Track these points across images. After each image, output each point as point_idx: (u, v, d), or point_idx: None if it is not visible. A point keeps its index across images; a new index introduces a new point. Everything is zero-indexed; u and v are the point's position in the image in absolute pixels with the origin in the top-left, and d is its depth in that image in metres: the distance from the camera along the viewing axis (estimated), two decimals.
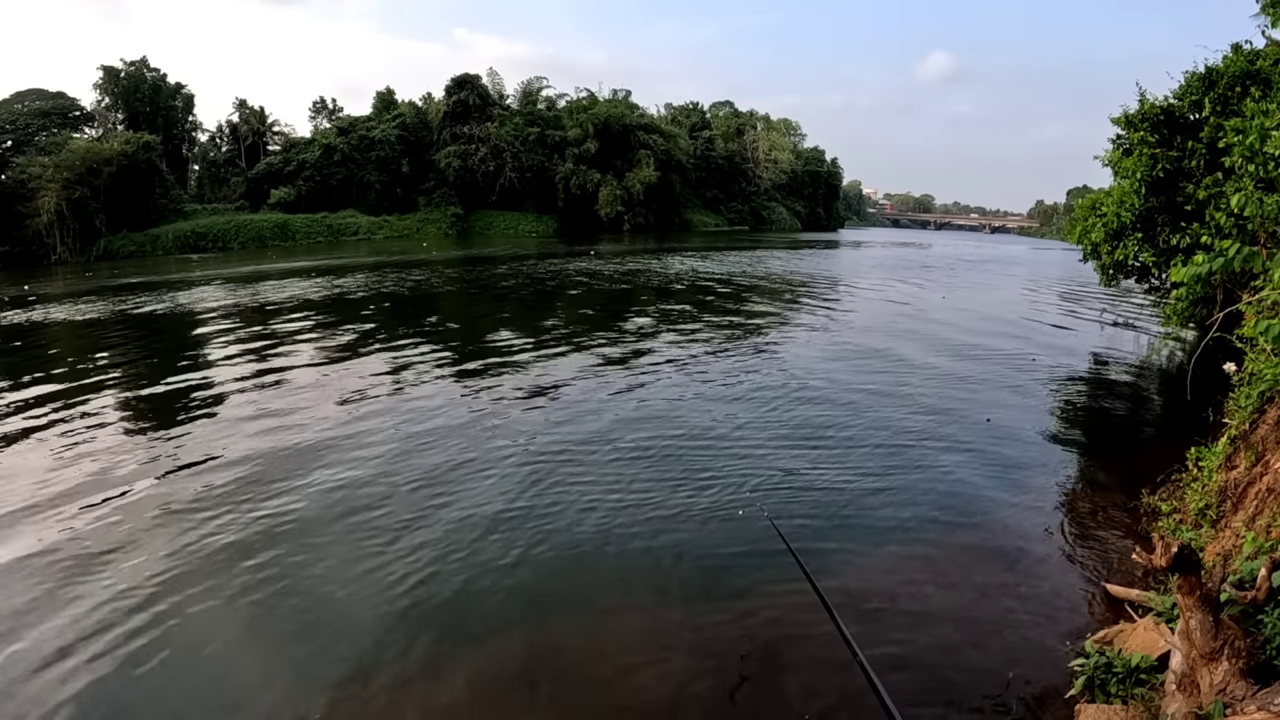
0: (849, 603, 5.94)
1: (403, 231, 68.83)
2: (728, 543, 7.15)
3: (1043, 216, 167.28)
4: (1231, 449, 7.12)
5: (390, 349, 16.66)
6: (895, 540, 7.29)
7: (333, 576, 6.54)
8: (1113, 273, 14.91)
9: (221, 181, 71.89)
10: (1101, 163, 14.36)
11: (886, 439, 10.30)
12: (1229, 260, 3.75)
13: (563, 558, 6.87)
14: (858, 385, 13.27)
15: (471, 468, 9.05)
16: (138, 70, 68.11)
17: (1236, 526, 5.74)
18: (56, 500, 8.26)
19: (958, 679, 5.17)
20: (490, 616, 5.93)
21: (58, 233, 53.15)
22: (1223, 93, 11.69)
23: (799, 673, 5.22)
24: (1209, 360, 9.28)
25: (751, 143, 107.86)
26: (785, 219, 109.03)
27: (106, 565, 6.77)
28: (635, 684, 5.17)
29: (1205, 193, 10.92)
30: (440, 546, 7.02)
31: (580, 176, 77.77)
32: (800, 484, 8.62)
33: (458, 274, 35.34)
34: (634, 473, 8.93)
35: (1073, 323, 22.91)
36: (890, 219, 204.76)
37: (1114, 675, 4.71)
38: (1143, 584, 6.22)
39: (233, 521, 7.62)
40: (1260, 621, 3.99)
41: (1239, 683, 3.63)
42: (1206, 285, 11.00)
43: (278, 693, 5.06)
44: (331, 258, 45.47)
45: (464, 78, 76.99)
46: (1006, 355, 16.57)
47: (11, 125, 58.99)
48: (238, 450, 9.76)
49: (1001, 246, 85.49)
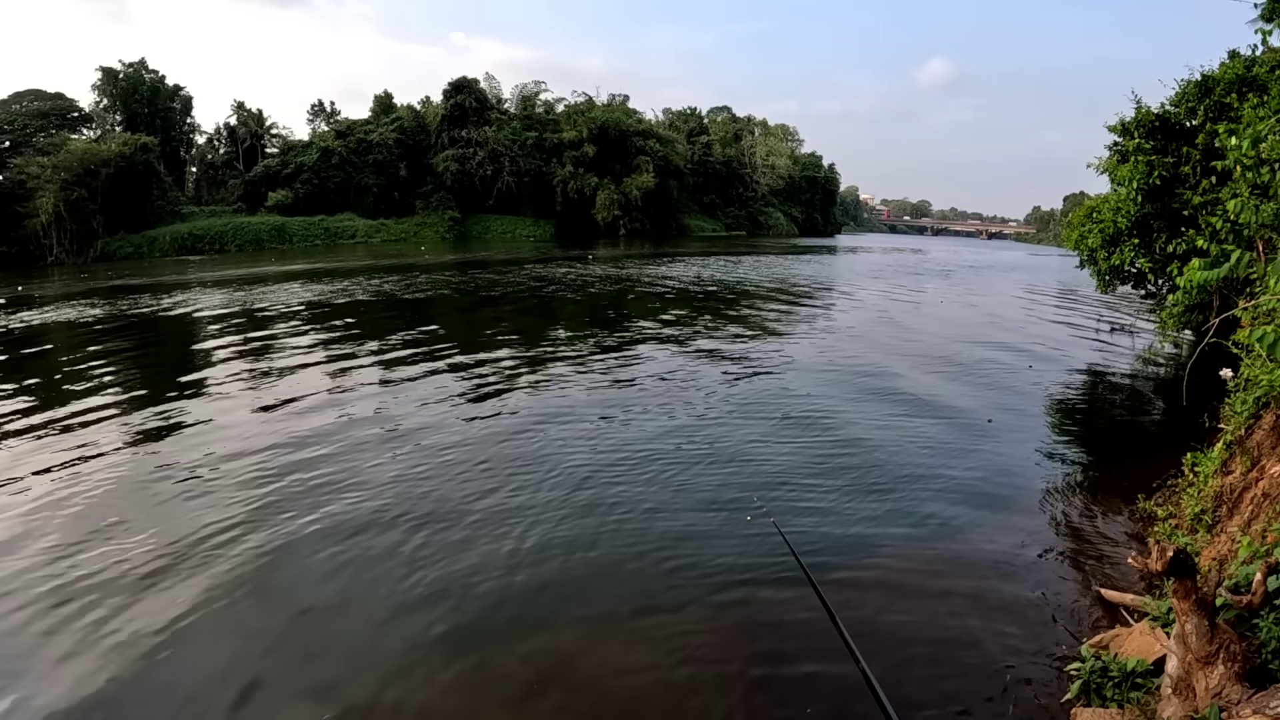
0: (846, 607, 5.93)
1: (400, 235, 68.75)
2: (731, 547, 7.14)
3: (1039, 223, 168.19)
4: (1227, 454, 7.14)
5: (386, 352, 16.62)
6: (892, 545, 7.30)
7: (331, 583, 6.51)
8: (1109, 279, 14.97)
9: (219, 184, 71.85)
10: (1097, 170, 14.43)
11: (885, 444, 10.30)
12: (1233, 266, 3.76)
13: (565, 563, 6.84)
14: (857, 390, 13.29)
15: (468, 474, 9.02)
16: (136, 72, 68.13)
17: (1232, 531, 5.75)
18: (50, 505, 8.23)
19: (954, 683, 5.17)
20: (490, 622, 5.89)
21: (55, 234, 53.00)
22: (1219, 99, 11.76)
23: (800, 676, 5.20)
24: (1205, 366, 9.31)
25: (749, 148, 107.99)
26: (782, 224, 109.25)
27: (89, 568, 6.74)
28: (638, 688, 5.15)
29: (1201, 199, 10.97)
30: (438, 553, 6.99)
31: (578, 181, 77.68)
32: (801, 488, 8.63)
33: (454, 278, 35.31)
34: (636, 474, 8.93)
35: (1069, 328, 22.97)
36: (887, 225, 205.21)
37: (1110, 679, 4.72)
38: (1139, 589, 6.23)
39: (227, 527, 7.59)
40: (1255, 626, 4.00)
41: (1234, 686, 3.63)
42: (1203, 291, 11.09)
43: (280, 698, 5.04)
44: (328, 261, 45.40)
45: (462, 81, 76.94)
46: (1003, 361, 16.61)
47: (9, 126, 58.89)
48: (235, 451, 9.74)
49: (998, 253, 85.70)
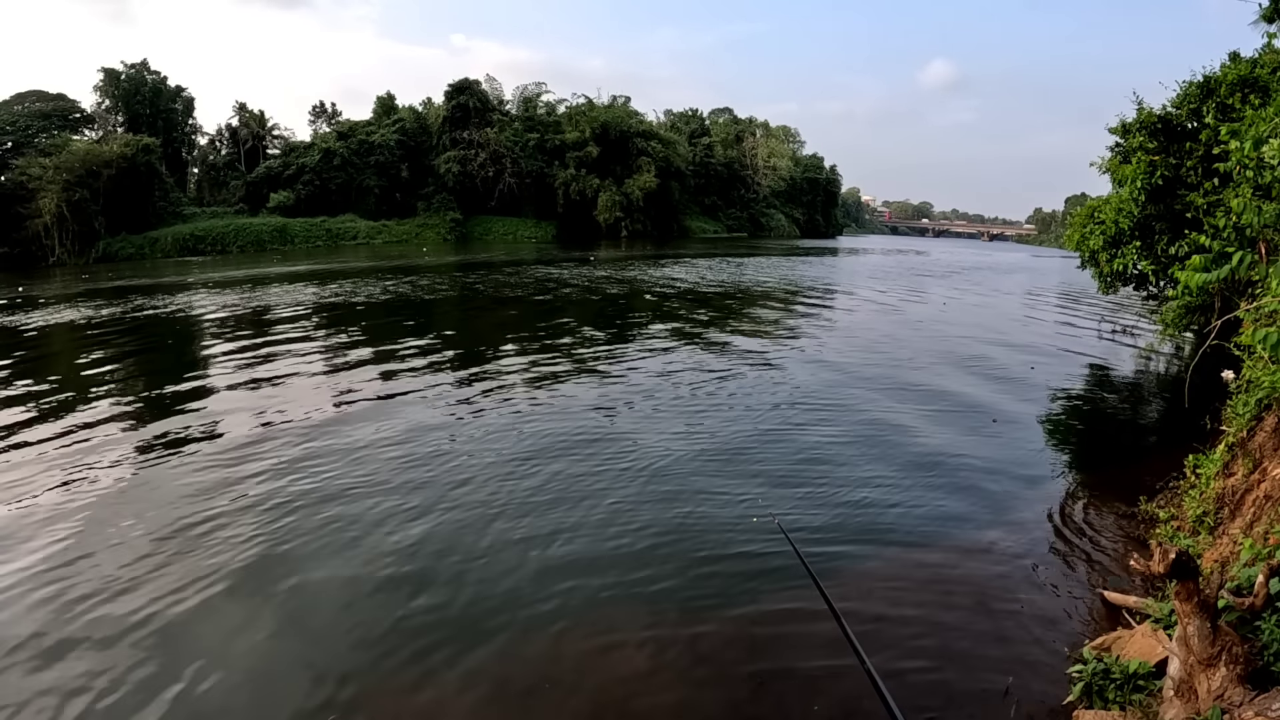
0: (848, 609, 5.90)
1: (401, 236, 68.83)
2: (735, 546, 7.14)
3: (1041, 224, 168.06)
4: (1229, 456, 7.12)
5: (384, 353, 16.64)
6: (895, 547, 7.28)
7: (333, 583, 6.50)
8: (1111, 280, 14.93)
9: (221, 185, 72.04)
10: (1100, 169, 14.40)
11: (887, 447, 10.29)
12: (1235, 267, 3.75)
13: (568, 563, 6.83)
14: (859, 394, 13.25)
15: (470, 475, 9.01)
16: (138, 73, 68.33)
17: (1234, 533, 5.73)
18: (51, 505, 8.23)
19: (956, 685, 5.15)
20: (493, 624, 5.87)
21: (57, 234, 53.18)
22: (1222, 100, 11.75)
23: (804, 676, 5.20)
24: (1207, 368, 9.30)
25: (750, 149, 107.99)
26: (784, 226, 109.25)
27: (96, 569, 6.74)
28: (639, 688, 5.13)
29: (1204, 200, 10.95)
30: (441, 553, 6.97)
31: (579, 182, 77.71)
32: (803, 491, 8.61)
33: (456, 280, 35.34)
34: (638, 474, 8.93)
35: (1071, 330, 22.94)
36: (889, 226, 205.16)
37: (1112, 681, 4.71)
38: (1141, 591, 6.21)
39: (226, 527, 7.59)
40: (1258, 628, 3.98)
41: (1237, 689, 3.61)
42: (1204, 293, 11.07)
43: (281, 697, 5.04)
44: (330, 262, 45.46)
45: (463, 83, 77.03)
46: (1005, 363, 16.59)
47: (12, 127, 59.12)
48: (232, 452, 9.74)
49: (1000, 254, 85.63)
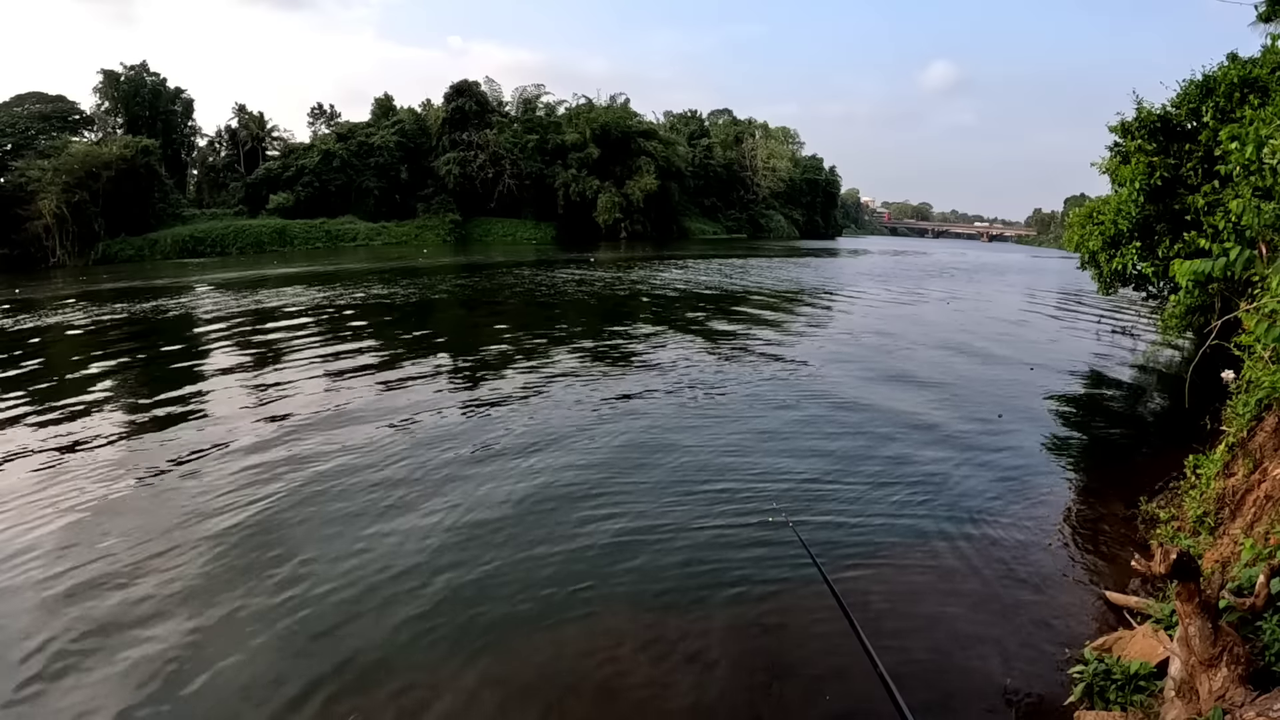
0: (853, 605, 5.88)
1: (401, 238, 68.78)
2: (746, 546, 7.16)
3: (1041, 225, 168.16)
4: (1229, 456, 7.12)
5: (384, 354, 16.64)
6: (897, 547, 7.28)
7: (335, 583, 6.48)
8: (1110, 281, 14.93)
9: (220, 186, 71.95)
10: (1099, 169, 14.40)
11: (891, 446, 10.29)
12: (1231, 262, 3.75)
13: (572, 562, 6.83)
14: (863, 393, 13.26)
15: (476, 474, 9.00)
16: (138, 74, 68.30)
17: (1235, 533, 5.72)
18: (50, 506, 8.23)
19: (957, 685, 5.15)
20: (501, 623, 5.87)
21: (56, 236, 53.11)
22: (1221, 101, 11.75)
23: (814, 675, 5.22)
24: (1207, 368, 9.30)
25: (750, 151, 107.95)
26: (783, 227, 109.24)
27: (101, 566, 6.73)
28: (649, 689, 5.13)
29: (1204, 200, 10.95)
30: (447, 553, 6.97)
31: (579, 184, 77.67)
32: (806, 491, 8.61)
33: (456, 281, 35.32)
34: (645, 474, 8.97)
35: (1071, 331, 22.96)
36: (888, 227, 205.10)
37: (1113, 682, 4.70)
38: (1141, 591, 6.21)
39: (226, 527, 7.59)
40: (1259, 628, 3.98)
41: (1238, 689, 3.60)
42: (1204, 293, 11.06)
43: (282, 696, 5.02)
44: (330, 264, 45.42)
45: (462, 84, 77.00)
46: (1006, 363, 16.61)
47: (11, 128, 59.06)
48: (229, 452, 9.73)
49: (1000, 255, 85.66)
